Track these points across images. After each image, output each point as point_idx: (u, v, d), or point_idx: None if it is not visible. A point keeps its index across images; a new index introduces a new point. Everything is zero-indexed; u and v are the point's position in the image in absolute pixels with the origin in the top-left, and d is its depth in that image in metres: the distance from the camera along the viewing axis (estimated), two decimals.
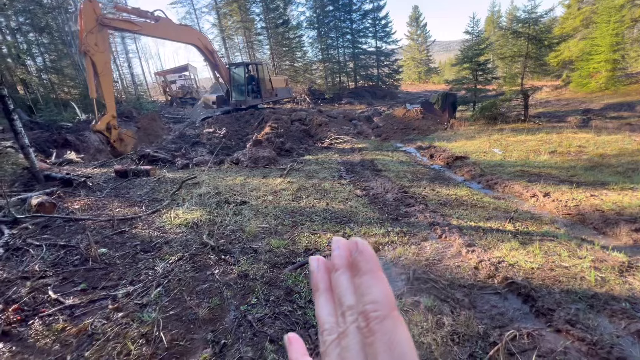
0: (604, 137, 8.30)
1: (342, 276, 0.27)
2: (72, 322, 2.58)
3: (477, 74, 15.25)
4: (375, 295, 0.24)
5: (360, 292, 0.25)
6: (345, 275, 0.27)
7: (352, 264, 0.26)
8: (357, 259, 0.25)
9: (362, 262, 0.25)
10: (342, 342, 0.25)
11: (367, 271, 0.25)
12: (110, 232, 4.25)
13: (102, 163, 9.23)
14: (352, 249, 0.26)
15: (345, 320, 0.25)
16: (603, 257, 3.09)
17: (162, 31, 10.86)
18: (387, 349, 0.22)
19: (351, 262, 0.26)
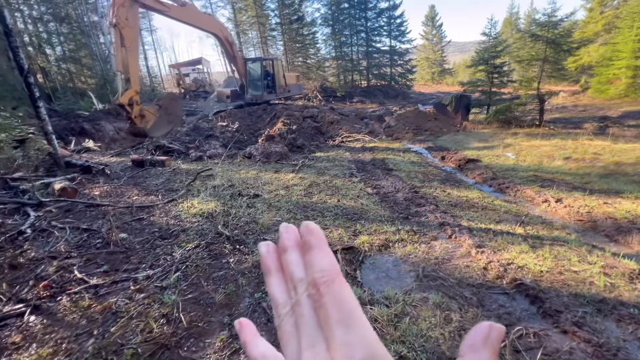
0: (621, 145, 8.17)
1: (291, 254, 0.29)
2: (97, 300, 2.74)
3: (492, 76, 15.06)
4: (323, 264, 0.26)
5: (310, 264, 0.27)
6: (294, 253, 0.29)
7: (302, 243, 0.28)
8: (307, 238, 0.28)
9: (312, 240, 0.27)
10: (295, 310, 0.27)
11: (315, 246, 0.27)
12: (129, 218, 4.42)
13: (118, 152, 9.49)
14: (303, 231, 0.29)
15: (297, 292, 0.28)
16: (613, 264, 3.11)
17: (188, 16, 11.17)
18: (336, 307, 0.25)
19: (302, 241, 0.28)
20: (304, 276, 0.28)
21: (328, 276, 0.26)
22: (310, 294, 0.26)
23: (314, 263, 0.26)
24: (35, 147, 5.86)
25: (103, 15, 20.76)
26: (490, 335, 0.24)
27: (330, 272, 0.26)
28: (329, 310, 0.24)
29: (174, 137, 10.44)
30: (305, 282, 0.27)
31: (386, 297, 2.79)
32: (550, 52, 13.09)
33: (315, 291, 0.26)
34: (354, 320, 0.24)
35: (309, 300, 0.26)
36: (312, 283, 0.26)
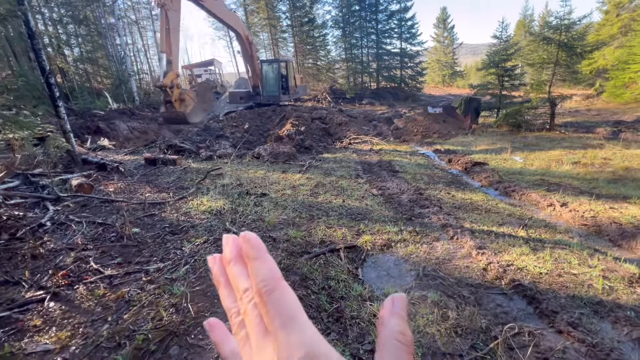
0: (633, 150, 8.04)
1: (234, 267, 0.30)
2: (111, 289, 2.90)
3: (503, 79, 14.92)
4: (263, 274, 0.27)
5: (253, 275, 0.28)
6: (237, 265, 0.30)
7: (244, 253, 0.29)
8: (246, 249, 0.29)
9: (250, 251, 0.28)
10: (245, 320, 0.29)
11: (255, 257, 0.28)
12: (142, 214, 4.61)
13: (132, 150, 9.78)
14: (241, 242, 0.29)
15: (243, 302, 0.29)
16: (614, 268, 3.13)
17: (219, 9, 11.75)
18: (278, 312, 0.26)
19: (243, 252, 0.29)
20: (248, 286, 0.29)
21: (269, 285, 0.27)
22: (255, 302, 0.28)
23: (256, 273, 0.28)
24: (54, 144, 6.14)
25: (119, 18, 21.34)
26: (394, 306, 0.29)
27: (270, 280, 0.27)
28: (271, 316, 0.26)
29: (185, 136, 10.70)
30: (251, 292, 0.29)
31: (386, 294, 2.88)
32: (562, 55, 12.93)
33: (259, 299, 0.27)
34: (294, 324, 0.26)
35: (254, 309, 0.28)
36: (256, 292, 0.27)
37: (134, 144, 11.71)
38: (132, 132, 13.26)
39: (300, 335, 0.25)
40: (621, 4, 21.04)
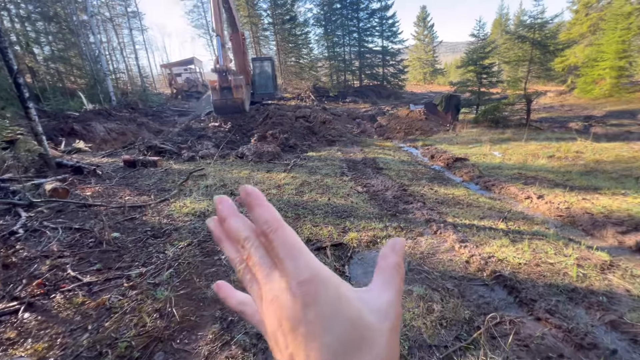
0: (602, 144, 8.45)
1: (231, 220, 0.34)
2: (90, 297, 2.80)
3: (481, 76, 15.35)
4: (266, 217, 0.30)
5: (256, 219, 0.31)
6: (233, 218, 0.34)
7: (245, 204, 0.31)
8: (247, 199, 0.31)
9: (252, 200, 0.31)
10: (249, 262, 0.32)
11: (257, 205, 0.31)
12: (122, 218, 4.46)
13: (109, 153, 9.46)
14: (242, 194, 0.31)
15: (246, 247, 0.32)
16: (587, 256, 3.28)
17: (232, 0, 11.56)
18: (283, 246, 0.29)
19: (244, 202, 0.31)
20: (248, 234, 0.32)
21: (272, 225, 0.30)
22: (261, 242, 0.31)
23: (259, 218, 0.30)
24: (25, 147, 5.85)
25: (92, 15, 20.52)
26: (395, 246, 0.34)
27: (273, 222, 0.30)
28: (277, 250, 0.29)
29: (166, 137, 10.44)
30: (251, 239, 0.32)
31: None
32: (536, 53, 13.41)
33: (264, 239, 0.30)
34: (298, 252, 0.29)
35: (259, 250, 0.31)
36: (261, 234, 0.30)
37: (111, 146, 11.31)
38: (109, 134, 12.80)
39: (303, 261, 0.29)
40: (589, 4, 22.03)
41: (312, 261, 0.29)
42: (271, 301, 0.30)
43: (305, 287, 0.28)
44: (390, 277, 0.33)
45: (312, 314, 0.27)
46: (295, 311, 0.28)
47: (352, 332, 0.28)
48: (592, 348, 2.19)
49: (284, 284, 0.29)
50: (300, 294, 0.28)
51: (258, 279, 0.31)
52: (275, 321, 0.29)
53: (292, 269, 0.28)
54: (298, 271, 0.28)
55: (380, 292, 0.32)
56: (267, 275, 0.31)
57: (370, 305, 0.30)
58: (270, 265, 0.31)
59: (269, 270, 0.31)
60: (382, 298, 0.31)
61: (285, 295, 0.29)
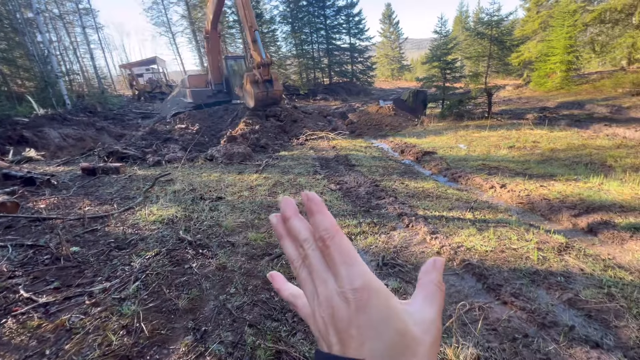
0: (556, 133, 9.07)
1: (294, 221, 0.36)
2: (47, 319, 2.59)
3: (445, 72, 15.93)
4: (326, 224, 0.32)
5: (315, 225, 0.33)
6: (296, 220, 0.36)
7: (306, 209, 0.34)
8: (309, 205, 0.33)
9: (313, 206, 0.33)
10: (306, 262, 0.35)
11: (317, 212, 0.33)
12: (82, 230, 4.17)
13: (66, 161, 8.82)
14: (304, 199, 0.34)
15: (304, 249, 0.35)
16: (546, 240, 3.51)
17: None
18: (339, 253, 0.32)
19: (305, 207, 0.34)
20: (307, 236, 0.35)
21: (331, 232, 0.32)
22: (318, 246, 0.33)
23: (319, 224, 0.33)
24: None
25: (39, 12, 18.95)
26: (436, 264, 0.36)
27: (331, 229, 0.32)
28: (333, 256, 0.32)
29: (129, 142, 9.90)
30: (310, 241, 0.34)
31: None
32: (494, 49, 14.13)
33: (322, 244, 0.33)
34: (353, 260, 0.31)
35: (316, 252, 0.34)
36: (319, 239, 0.33)
37: (68, 153, 10.54)
38: (65, 140, 11.91)
39: (358, 269, 0.31)
40: (540, 2, 23.46)
41: (365, 271, 0.32)
42: (325, 301, 0.32)
43: (358, 293, 0.30)
44: (433, 294, 0.34)
45: (364, 319, 0.30)
46: (348, 314, 0.30)
47: (399, 340, 0.30)
48: (552, 326, 2.34)
49: (338, 288, 0.31)
50: (354, 299, 0.30)
51: (313, 278, 0.34)
52: (327, 319, 0.32)
53: (347, 275, 0.31)
54: (352, 278, 0.31)
55: (423, 306, 0.33)
56: (322, 277, 0.33)
57: (414, 317, 0.32)
58: (325, 269, 0.33)
59: (324, 272, 0.33)
60: (425, 313, 0.33)
61: (339, 298, 0.31)
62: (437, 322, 0.33)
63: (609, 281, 2.77)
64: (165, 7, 36.98)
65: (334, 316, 0.31)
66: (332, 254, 0.32)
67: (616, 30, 19.79)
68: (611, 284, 2.73)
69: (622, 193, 4.59)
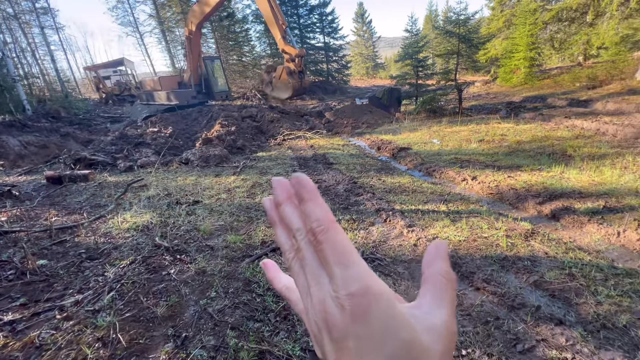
0: (521, 126, 9.56)
1: (286, 207, 0.32)
2: (14, 337, 2.45)
3: (417, 70, 16.38)
4: (318, 214, 0.28)
5: (307, 215, 0.29)
6: (288, 206, 0.32)
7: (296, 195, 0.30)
8: (299, 191, 0.29)
9: (304, 193, 0.29)
10: (299, 255, 0.31)
11: (309, 199, 0.29)
12: (49, 242, 3.96)
13: (28, 170, 8.31)
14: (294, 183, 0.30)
15: (297, 239, 0.31)
16: (514, 227, 3.71)
17: None
18: (333, 251, 0.27)
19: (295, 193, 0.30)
20: (300, 226, 0.30)
21: (323, 225, 0.28)
22: (310, 240, 0.29)
23: (310, 214, 0.28)
24: None
25: None
26: (438, 249, 0.31)
27: (324, 221, 0.28)
28: (327, 253, 0.27)
29: (97, 147, 9.47)
30: (303, 231, 0.30)
31: None
32: (463, 46, 14.66)
33: (313, 238, 0.28)
34: (349, 260, 0.27)
35: (309, 246, 0.30)
36: (310, 231, 0.28)
37: (30, 162, 9.92)
38: (26, 148, 11.19)
39: (354, 270, 0.27)
40: (503, 2, 24.60)
41: (364, 272, 0.27)
42: (318, 303, 0.29)
43: (355, 299, 0.26)
44: (441, 289, 0.30)
45: (362, 330, 0.26)
46: (343, 323, 0.27)
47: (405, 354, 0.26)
48: (521, 307, 2.49)
49: (332, 292, 0.27)
50: (350, 306, 0.26)
51: (306, 273, 0.30)
52: (321, 324, 0.28)
53: (342, 278, 0.27)
54: (348, 281, 0.27)
55: (431, 307, 0.29)
56: (316, 275, 0.29)
57: (423, 323, 0.28)
58: (319, 268, 0.29)
59: (318, 270, 0.29)
60: (434, 316, 0.28)
61: (333, 303, 0.27)
62: (449, 325, 0.28)
63: (570, 262, 2.98)
64: (131, 6, 35.53)
65: (328, 322, 0.28)
66: (324, 251, 0.28)
67: (572, 27, 21.11)
68: (572, 264, 2.94)
69: (580, 180, 4.93)
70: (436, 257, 0.31)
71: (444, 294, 0.29)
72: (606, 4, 17.05)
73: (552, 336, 2.23)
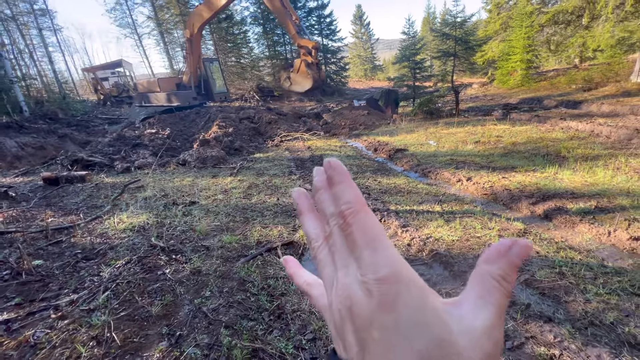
0: (517, 127, 9.63)
1: (323, 194, 0.31)
2: (9, 336, 2.47)
3: (415, 71, 16.47)
4: (348, 197, 0.27)
5: (336, 198, 0.28)
6: (326, 192, 0.30)
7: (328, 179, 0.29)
8: (331, 174, 0.29)
9: (335, 176, 0.28)
10: (329, 241, 0.30)
11: (340, 182, 0.28)
12: (45, 243, 3.98)
13: (25, 171, 8.32)
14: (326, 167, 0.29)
15: (330, 225, 0.29)
16: (507, 227, 3.76)
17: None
18: (362, 233, 0.26)
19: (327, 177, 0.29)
20: (334, 211, 0.29)
21: (354, 207, 0.27)
22: (339, 223, 0.28)
23: (340, 197, 0.28)
24: None
25: None
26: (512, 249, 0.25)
27: (355, 203, 0.27)
28: (356, 236, 0.26)
29: (94, 149, 9.48)
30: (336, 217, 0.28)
31: None
32: (459, 49, 14.75)
33: (343, 221, 0.27)
34: (379, 244, 0.26)
35: (340, 231, 0.28)
36: (340, 215, 0.28)
37: (28, 163, 9.92)
38: (23, 149, 11.19)
39: (384, 255, 0.25)
40: (500, 4, 24.76)
41: (394, 256, 0.26)
42: (343, 290, 0.27)
43: (384, 285, 0.24)
44: (490, 290, 0.25)
45: (390, 320, 0.24)
46: (370, 311, 0.25)
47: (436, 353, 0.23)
48: (511, 305, 2.53)
49: (360, 277, 0.26)
50: (378, 293, 0.25)
51: (335, 260, 0.29)
52: (345, 312, 0.27)
53: (371, 261, 0.25)
54: (377, 265, 0.25)
55: (474, 308, 0.25)
56: (344, 260, 0.28)
57: (460, 324, 0.25)
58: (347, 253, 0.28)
59: (347, 256, 0.28)
60: (476, 318, 0.25)
61: (360, 289, 0.26)
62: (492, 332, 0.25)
63: (561, 261, 3.02)
64: (129, 7, 35.58)
65: (353, 311, 0.26)
66: (354, 234, 0.26)
67: (569, 30, 21.27)
68: (562, 263, 2.98)
69: (573, 181, 4.98)
70: (501, 255, 0.26)
71: (491, 295, 0.25)
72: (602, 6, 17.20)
73: (540, 333, 2.26)
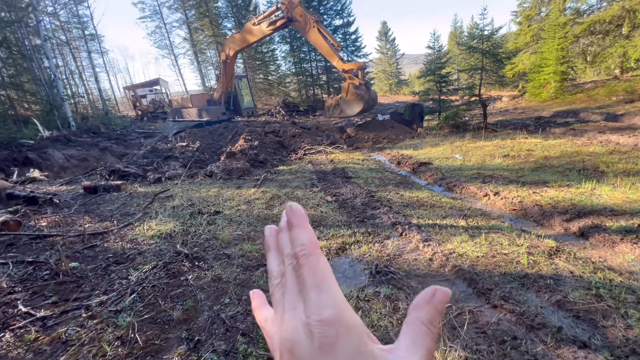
0: (550, 141, 9.17)
1: (284, 234, 0.33)
2: (44, 332, 2.64)
3: (440, 85, 16.28)
4: (302, 240, 0.29)
5: (293, 240, 0.30)
6: (286, 233, 0.33)
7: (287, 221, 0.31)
8: (290, 217, 0.31)
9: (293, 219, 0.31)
10: (282, 280, 0.31)
11: (297, 225, 0.30)
12: (81, 246, 4.25)
13: (68, 180, 8.99)
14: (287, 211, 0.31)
15: (285, 264, 0.31)
16: (537, 244, 3.54)
17: None
18: (312, 275, 0.28)
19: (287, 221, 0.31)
20: (290, 251, 0.31)
21: (307, 250, 0.29)
22: (292, 264, 0.30)
23: (295, 239, 0.30)
24: None
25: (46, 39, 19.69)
26: (435, 296, 0.28)
27: (308, 246, 0.29)
28: (305, 277, 0.28)
29: (130, 160, 10.10)
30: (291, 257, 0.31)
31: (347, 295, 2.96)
32: (487, 62, 14.45)
33: (295, 262, 0.29)
34: (326, 285, 0.27)
35: (293, 271, 0.30)
36: (294, 256, 0.30)
37: (71, 173, 10.76)
38: (69, 161, 12.17)
39: (330, 296, 0.27)
40: (530, 16, 24.16)
41: (339, 300, 0.27)
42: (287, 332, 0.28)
43: (325, 327, 0.26)
44: (420, 336, 0.27)
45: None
46: (309, 351, 0.26)
47: None
48: (541, 327, 2.36)
49: (305, 318, 0.27)
50: (319, 334, 0.25)
51: (285, 301, 0.30)
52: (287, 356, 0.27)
53: (316, 302, 0.27)
54: (321, 307, 0.26)
55: (407, 354, 0.27)
56: (293, 301, 0.29)
57: None
58: (297, 294, 0.29)
59: (296, 297, 0.29)
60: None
61: (303, 330, 0.27)
62: None
63: (598, 283, 2.79)
64: (167, 30, 38.32)
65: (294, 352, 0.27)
66: (304, 275, 0.28)
67: (607, 40, 20.25)
68: (600, 285, 2.76)
69: (613, 197, 4.63)
70: (427, 302, 0.28)
71: (423, 341, 0.27)
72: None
73: (574, 359, 2.09)
